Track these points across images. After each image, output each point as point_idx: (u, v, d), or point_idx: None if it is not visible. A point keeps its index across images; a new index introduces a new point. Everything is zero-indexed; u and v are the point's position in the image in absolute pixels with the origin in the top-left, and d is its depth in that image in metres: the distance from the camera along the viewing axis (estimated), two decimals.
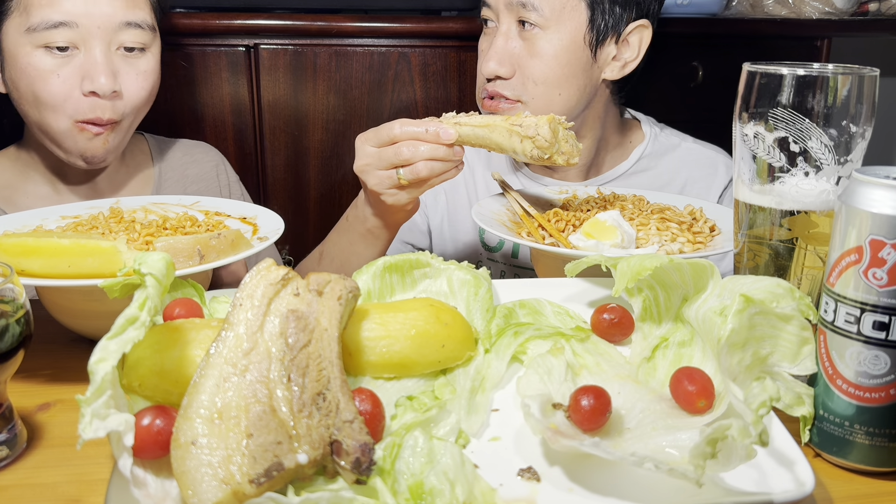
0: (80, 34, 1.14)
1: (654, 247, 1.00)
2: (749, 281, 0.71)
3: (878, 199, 0.60)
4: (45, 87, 1.15)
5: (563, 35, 1.26)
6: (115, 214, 1.01)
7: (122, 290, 0.66)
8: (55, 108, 1.16)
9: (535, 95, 1.28)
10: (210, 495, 0.51)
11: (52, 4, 1.12)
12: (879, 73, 0.72)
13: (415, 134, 1.04)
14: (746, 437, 0.55)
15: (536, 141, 1.01)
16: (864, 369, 0.62)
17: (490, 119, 1.04)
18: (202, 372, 0.57)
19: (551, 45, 1.26)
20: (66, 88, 1.15)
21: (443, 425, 0.64)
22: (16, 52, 1.15)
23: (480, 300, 0.79)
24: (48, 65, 1.14)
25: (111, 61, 1.16)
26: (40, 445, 0.68)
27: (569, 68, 1.28)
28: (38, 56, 1.14)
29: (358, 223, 1.21)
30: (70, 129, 1.17)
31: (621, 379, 0.71)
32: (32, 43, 1.13)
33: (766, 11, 1.97)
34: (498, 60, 1.27)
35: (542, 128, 1.01)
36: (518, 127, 1.02)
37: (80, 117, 1.17)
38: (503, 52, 1.28)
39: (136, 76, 1.20)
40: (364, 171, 1.09)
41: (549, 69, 1.27)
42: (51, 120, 1.17)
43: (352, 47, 1.70)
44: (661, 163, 1.44)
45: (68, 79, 1.15)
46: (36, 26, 1.12)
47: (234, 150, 1.72)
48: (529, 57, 1.27)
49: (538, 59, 1.27)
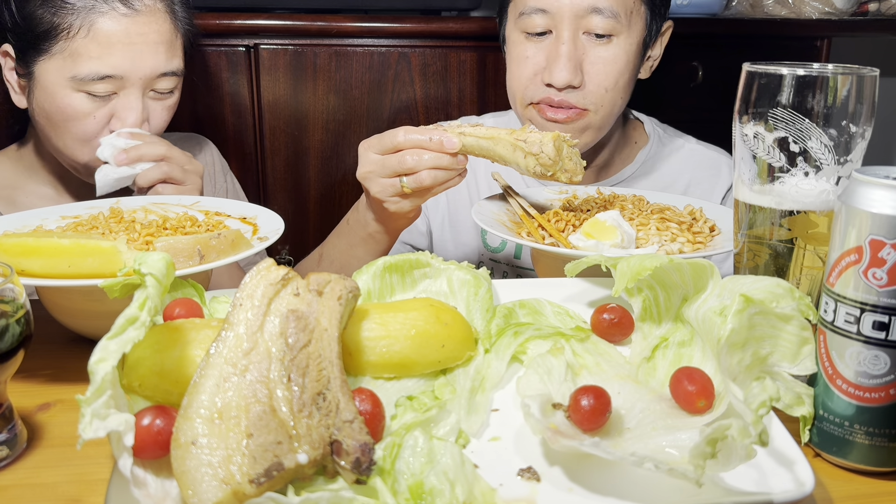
0: (123, 85, 1.17)
1: (654, 247, 1.00)
2: (749, 281, 0.71)
3: (878, 199, 0.60)
4: (78, 126, 1.18)
5: (632, 41, 1.27)
6: (115, 214, 1.01)
7: (122, 290, 0.66)
8: (84, 143, 1.19)
9: (604, 103, 1.28)
10: (210, 495, 0.51)
11: (102, 58, 1.15)
12: (879, 73, 0.72)
13: (419, 142, 1.04)
14: (746, 437, 0.55)
15: (540, 158, 1.00)
16: (864, 369, 0.62)
17: (494, 132, 1.04)
18: (202, 372, 0.57)
19: (623, 51, 1.26)
20: (98, 128, 1.19)
21: (443, 425, 0.64)
22: (54, 90, 1.17)
23: (480, 300, 0.79)
24: (87, 108, 1.17)
25: (146, 106, 1.21)
26: (40, 445, 0.68)
27: (632, 73, 1.30)
28: (79, 99, 1.16)
29: (359, 227, 1.21)
30: (92, 161, 1.20)
31: (621, 379, 0.71)
32: (74, 87, 1.16)
33: (766, 11, 1.97)
34: (572, 69, 1.25)
35: (547, 146, 1.00)
36: (522, 143, 1.01)
37: None
38: (576, 60, 1.25)
39: (162, 112, 1.24)
40: (367, 179, 1.09)
41: (620, 75, 1.27)
42: (76, 152, 1.21)
43: (352, 47, 1.70)
44: (665, 164, 1.44)
45: (102, 119, 1.18)
46: (83, 77, 1.15)
47: (234, 150, 1.72)
48: (601, 64, 1.26)
49: (611, 65, 1.26)
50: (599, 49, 1.25)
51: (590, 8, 1.22)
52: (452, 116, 1.75)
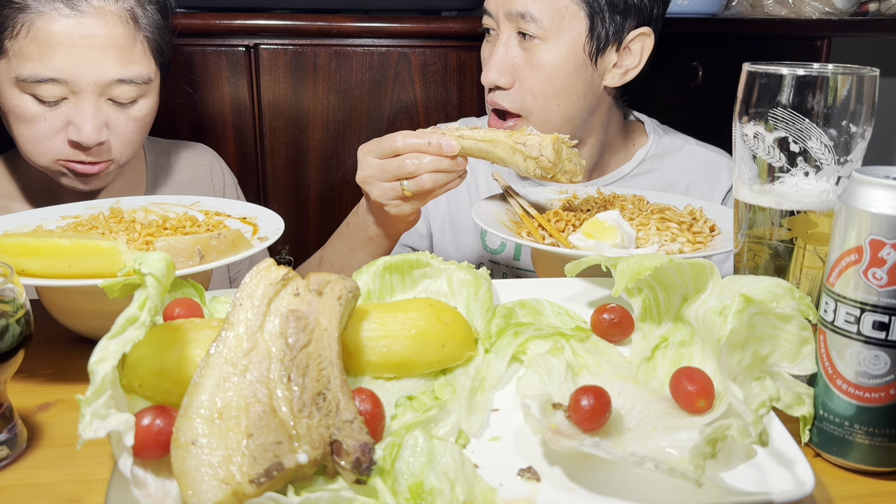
0: (70, 88, 1.11)
1: (654, 247, 1.00)
2: (749, 281, 0.71)
3: (878, 199, 0.60)
4: (30, 128, 1.13)
5: (562, 46, 1.25)
6: (115, 214, 1.01)
7: (122, 290, 0.66)
8: (38, 146, 1.15)
9: (534, 109, 1.28)
10: (210, 495, 0.51)
11: (42, 60, 1.09)
12: (879, 73, 0.72)
13: (418, 146, 1.04)
14: (746, 437, 0.55)
15: (540, 161, 1.01)
16: (864, 369, 0.62)
17: (493, 134, 1.04)
18: (202, 372, 0.57)
19: (550, 56, 1.25)
20: (50, 131, 1.13)
21: (443, 425, 0.64)
22: (4, 89, 1.13)
23: (480, 300, 0.79)
24: (35, 110, 1.12)
25: (100, 112, 1.14)
26: (40, 445, 0.68)
27: (568, 79, 1.27)
28: (26, 101, 1.12)
29: (359, 231, 1.21)
30: (54, 167, 1.17)
31: (621, 379, 0.71)
32: (21, 89, 1.11)
33: (766, 11, 1.97)
34: (498, 70, 1.27)
35: (546, 148, 1.00)
36: (521, 146, 1.01)
37: (62, 157, 1.15)
38: (503, 61, 1.27)
39: (128, 121, 1.17)
40: (367, 183, 1.09)
41: (549, 81, 1.26)
42: (37, 157, 1.16)
43: (352, 47, 1.70)
44: (665, 165, 1.43)
45: (54, 122, 1.13)
46: (25, 77, 1.10)
47: (234, 150, 1.72)
48: (529, 68, 1.26)
49: (537, 70, 1.26)
50: (528, 52, 1.26)
51: (515, 12, 1.24)
52: (453, 117, 1.75)
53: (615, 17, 1.26)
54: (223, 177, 1.47)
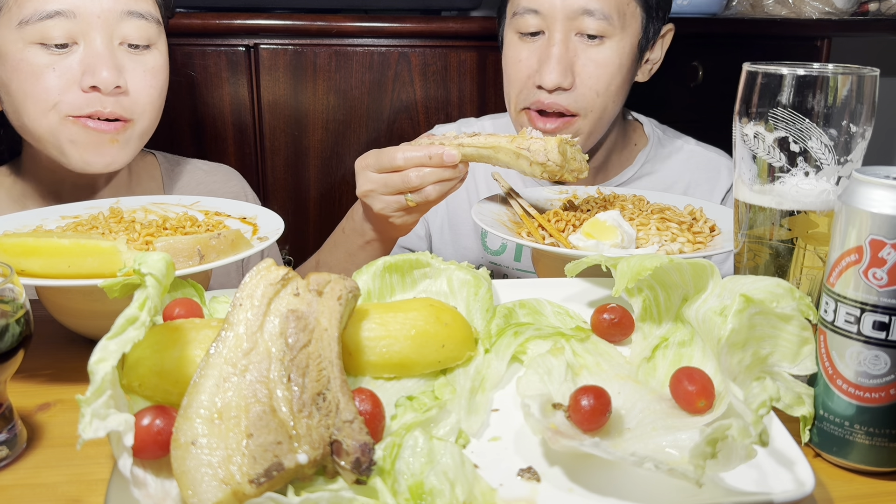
0: (79, 26, 1.03)
1: (654, 247, 1.00)
2: (749, 281, 0.71)
3: (878, 199, 0.60)
4: (37, 83, 1.03)
5: (625, 43, 1.25)
6: (114, 214, 1.01)
7: (122, 290, 0.66)
8: (44, 102, 1.04)
9: (594, 108, 1.26)
10: (210, 495, 0.51)
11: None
12: (879, 73, 0.72)
13: (419, 160, 1.02)
14: (746, 437, 0.55)
15: (547, 166, 1.00)
16: (864, 369, 0.62)
17: (494, 140, 1.03)
18: (202, 372, 0.57)
19: (615, 53, 1.24)
20: (61, 83, 1.04)
21: (443, 425, 0.64)
22: (6, 49, 1.03)
23: (480, 300, 0.79)
24: (43, 60, 1.03)
25: (114, 55, 1.06)
26: (40, 445, 0.68)
27: (627, 76, 1.28)
28: (33, 52, 1.03)
29: (356, 236, 1.20)
30: (60, 128, 1.06)
31: (621, 379, 0.71)
32: (26, 39, 1.02)
33: (766, 11, 1.97)
34: (562, 71, 1.23)
35: (552, 153, 0.99)
36: (526, 151, 1.00)
37: (75, 112, 1.05)
38: (566, 61, 1.24)
39: (144, 73, 1.09)
40: (369, 197, 1.08)
41: (612, 78, 1.25)
42: (38, 119, 1.05)
43: (352, 47, 1.70)
44: (665, 166, 1.43)
45: (65, 73, 1.03)
46: (29, 18, 1.01)
47: (234, 150, 1.72)
48: (593, 67, 1.24)
49: (602, 68, 1.24)
50: (591, 51, 1.24)
51: (581, 9, 1.21)
52: (452, 117, 1.75)
53: (661, 12, 1.29)
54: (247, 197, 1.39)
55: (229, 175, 1.39)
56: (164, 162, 1.34)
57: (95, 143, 1.08)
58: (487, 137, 1.04)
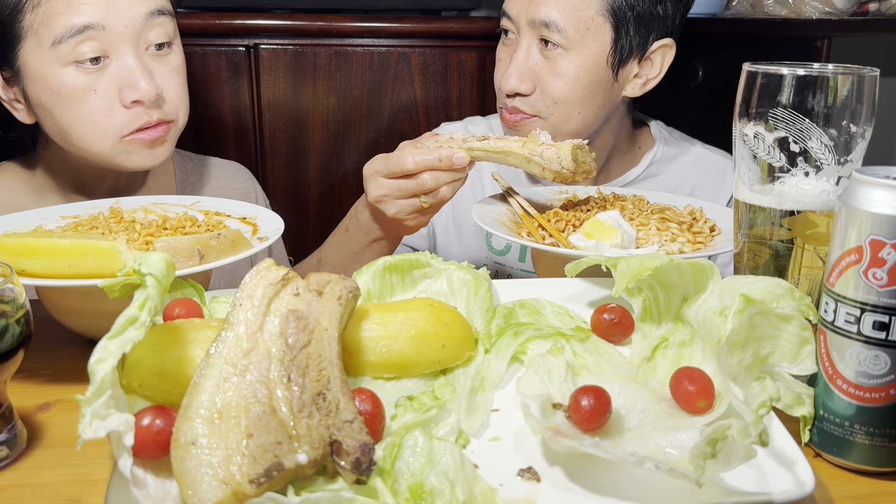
0: (109, 38, 1.06)
1: (654, 247, 1.00)
2: (749, 281, 0.71)
3: (878, 199, 0.60)
4: (82, 108, 1.08)
5: (585, 56, 1.24)
6: (115, 214, 1.01)
7: (122, 290, 0.66)
8: (96, 127, 1.09)
9: (553, 113, 1.27)
10: (210, 495, 0.51)
11: (72, 10, 1.04)
12: (879, 73, 0.72)
13: (429, 164, 1.03)
14: (746, 437, 0.55)
15: (562, 173, 1.02)
16: (864, 369, 0.62)
17: (504, 145, 1.03)
18: (202, 372, 0.57)
19: (573, 65, 1.24)
20: (105, 104, 1.08)
21: (443, 425, 0.64)
22: (42, 74, 1.07)
23: (480, 300, 0.79)
24: (82, 82, 1.07)
25: (145, 64, 1.10)
26: (40, 445, 0.68)
27: (590, 89, 1.27)
28: (70, 74, 1.06)
29: (361, 235, 1.21)
30: (117, 148, 1.11)
31: (621, 379, 0.71)
32: (60, 61, 1.06)
33: (766, 11, 1.97)
34: (518, 77, 1.25)
35: (566, 160, 1.01)
36: (539, 157, 1.01)
37: (126, 130, 1.10)
38: (524, 68, 1.26)
39: (171, 73, 1.14)
40: (382, 202, 1.09)
41: (571, 89, 1.25)
42: (94, 143, 1.10)
43: (352, 47, 1.70)
44: (671, 168, 1.43)
45: (106, 92, 1.08)
46: (60, 37, 1.04)
47: (234, 150, 1.72)
48: (550, 75, 1.25)
49: (559, 78, 1.25)
50: (552, 60, 1.25)
51: (540, 20, 1.23)
52: (452, 117, 1.75)
53: (640, 29, 1.26)
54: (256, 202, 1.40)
55: (240, 172, 1.42)
56: (176, 157, 1.37)
57: (150, 147, 1.14)
58: (497, 142, 1.04)
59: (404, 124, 1.77)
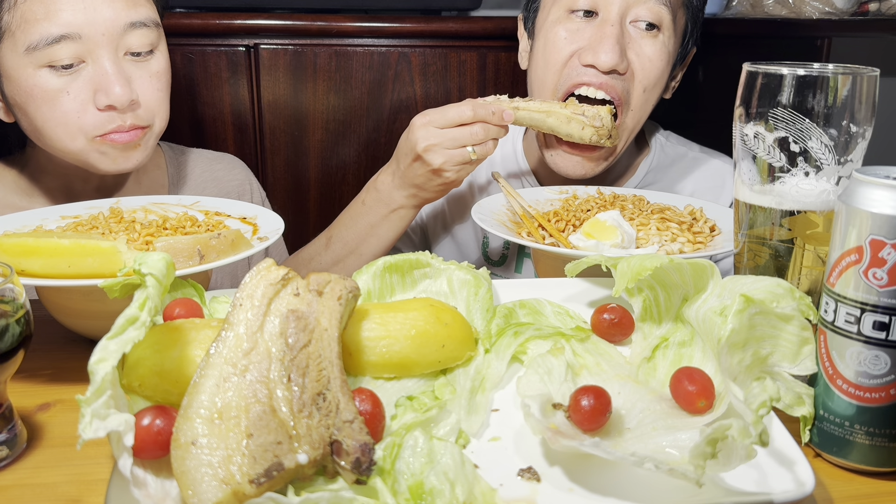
0: (85, 46, 1.05)
1: (654, 247, 1.00)
2: (749, 281, 0.71)
3: (878, 199, 0.60)
4: (54, 108, 1.06)
5: (675, 41, 1.23)
6: (115, 214, 1.01)
7: (122, 290, 0.66)
8: (68, 126, 1.08)
9: (640, 103, 1.23)
10: (210, 495, 0.51)
11: (49, 17, 1.02)
12: (879, 73, 0.72)
13: (485, 116, 1.10)
14: (746, 437, 0.55)
15: (600, 130, 1.12)
16: (864, 369, 0.62)
17: (548, 105, 1.14)
18: (202, 372, 0.57)
19: (665, 48, 1.21)
20: (77, 105, 1.07)
21: (443, 425, 0.64)
22: (17, 74, 1.06)
23: (480, 300, 0.79)
24: (55, 84, 1.06)
25: (122, 69, 1.08)
26: (40, 445, 0.68)
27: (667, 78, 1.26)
28: (43, 76, 1.05)
29: (380, 206, 1.22)
30: (89, 147, 1.10)
31: (621, 379, 0.71)
32: (34, 63, 1.05)
33: (766, 11, 1.97)
34: (619, 52, 1.17)
35: (606, 118, 1.12)
36: (581, 116, 1.12)
37: (99, 132, 1.09)
38: (622, 45, 1.18)
39: (150, 78, 1.12)
40: (431, 151, 1.12)
41: (660, 76, 1.22)
42: (67, 142, 1.09)
43: (352, 47, 1.70)
44: (668, 174, 1.41)
45: (79, 94, 1.07)
46: (36, 44, 1.03)
47: (234, 150, 1.72)
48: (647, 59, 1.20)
49: (654, 62, 1.20)
50: (645, 41, 1.19)
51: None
52: None
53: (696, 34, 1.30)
54: (251, 195, 1.40)
55: (234, 164, 1.42)
56: (168, 151, 1.36)
57: (123, 150, 1.13)
58: (542, 103, 1.15)
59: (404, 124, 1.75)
